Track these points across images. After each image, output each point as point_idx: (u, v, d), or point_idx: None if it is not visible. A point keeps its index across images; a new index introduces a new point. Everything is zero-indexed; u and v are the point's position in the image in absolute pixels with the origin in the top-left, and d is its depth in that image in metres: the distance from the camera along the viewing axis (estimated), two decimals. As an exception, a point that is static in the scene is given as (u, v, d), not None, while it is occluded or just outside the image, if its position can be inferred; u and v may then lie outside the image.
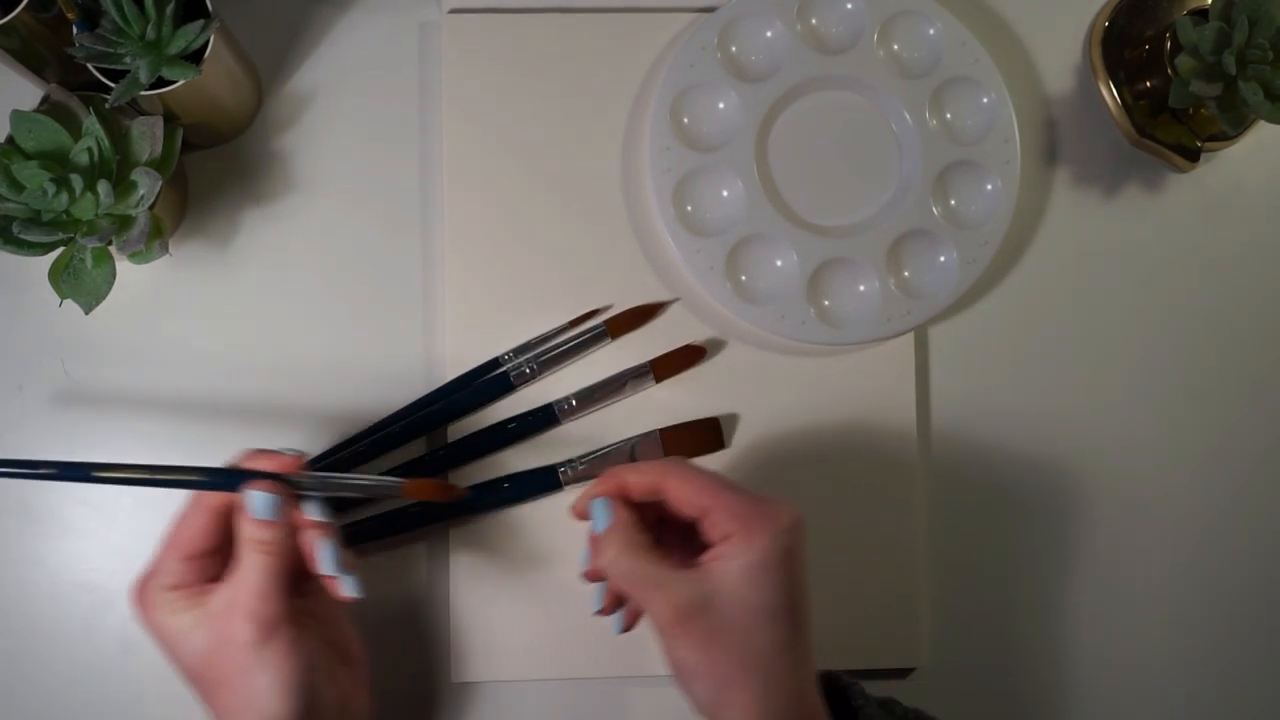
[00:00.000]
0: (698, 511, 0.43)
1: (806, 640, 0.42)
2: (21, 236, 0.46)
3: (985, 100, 0.57)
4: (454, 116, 0.56)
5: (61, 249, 0.48)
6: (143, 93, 0.47)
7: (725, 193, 0.56)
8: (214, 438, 0.54)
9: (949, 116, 0.57)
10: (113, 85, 0.47)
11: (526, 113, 0.56)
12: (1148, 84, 0.59)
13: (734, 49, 0.57)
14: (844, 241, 0.56)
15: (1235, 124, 0.55)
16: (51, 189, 0.47)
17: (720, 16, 0.56)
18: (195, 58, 0.48)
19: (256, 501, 0.42)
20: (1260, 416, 0.60)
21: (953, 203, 0.57)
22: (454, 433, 0.54)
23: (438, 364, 0.55)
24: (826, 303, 0.56)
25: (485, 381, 0.55)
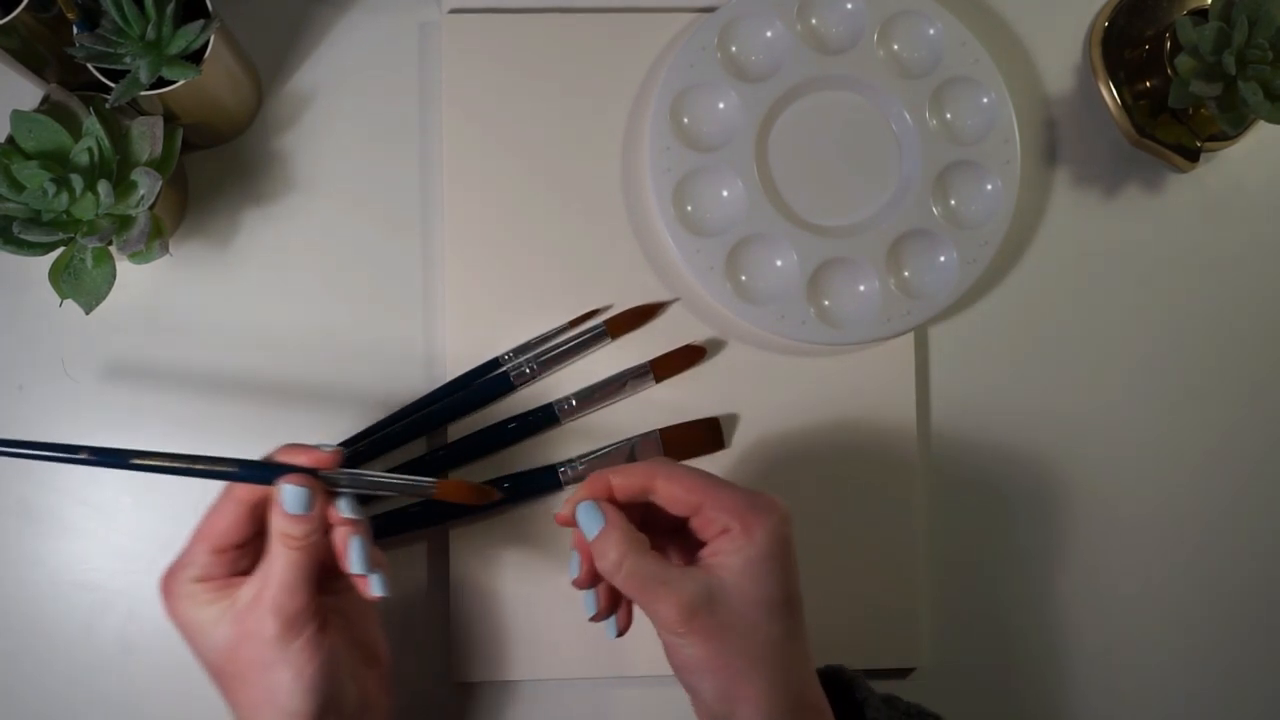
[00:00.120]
0: (689, 510, 0.43)
1: (805, 630, 0.43)
2: (21, 236, 0.46)
3: (985, 100, 0.57)
4: (454, 116, 0.56)
5: (61, 249, 0.48)
6: (143, 93, 0.47)
7: (725, 193, 0.56)
8: (214, 438, 0.54)
9: (949, 116, 0.57)
10: (113, 85, 0.47)
11: (526, 113, 0.56)
12: (1148, 84, 0.59)
13: (734, 49, 0.57)
14: (844, 241, 0.56)
15: (1235, 124, 0.55)
16: (51, 189, 0.47)
17: (720, 16, 0.56)
18: (195, 58, 0.48)
19: (289, 495, 0.41)
20: (1260, 416, 0.60)
21: (953, 203, 0.57)
22: (454, 433, 0.54)
23: (438, 364, 0.55)
24: (826, 303, 0.56)
25: (485, 381, 0.55)
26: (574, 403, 0.54)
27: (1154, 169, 0.60)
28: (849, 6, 0.57)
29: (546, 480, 0.54)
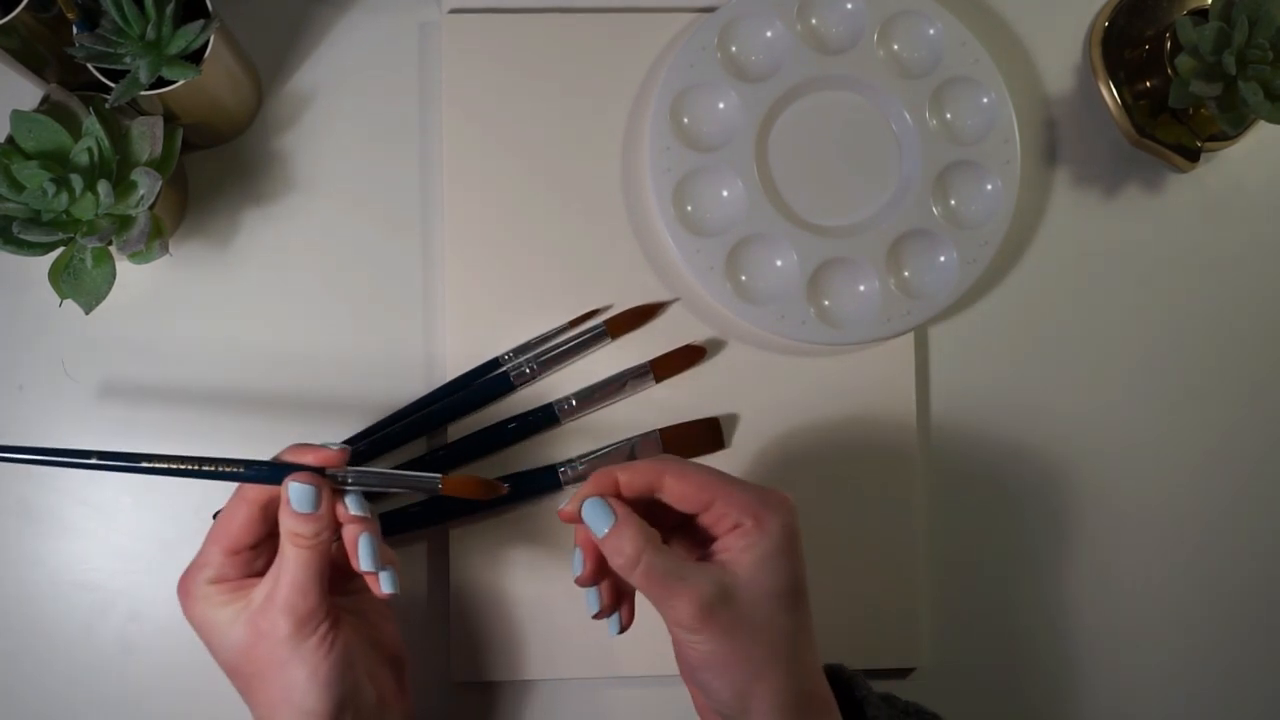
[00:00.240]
0: (699, 506, 0.43)
1: (812, 623, 0.43)
2: (21, 236, 0.46)
3: (985, 100, 0.57)
4: (454, 116, 0.56)
5: (61, 249, 0.48)
6: (143, 93, 0.47)
7: (725, 193, 0.56)
8: (214, 438, 0.54)
9: (949, 116, 0.57)
10: (113, 85, 0.47)
11: (526, 113, 0.56)
12: (1148, 84, 0.59)
13: (734, 49, 0.57)
14: (844, 241, 0.56)
15: (1235, 124, 0.55)
16: (51, 189, 0.47)
17: (720, 16, 0.56)
18: (195, 58, 0.48)
19: (296, 494, 0.41)
20: (1260, 416, 0.60)
21: (953, 203, 0.57)
22: (454, 433, 0.54)
23: (438, 364, 0.55)
24: (826, 303, 0.56)
25: (485, 381, 0.55)
26: (574, 403, 0.54)
27: (1154, 169, 0.60)
28: (849, 6, 0.57)
29: (546, 480, 0.54)
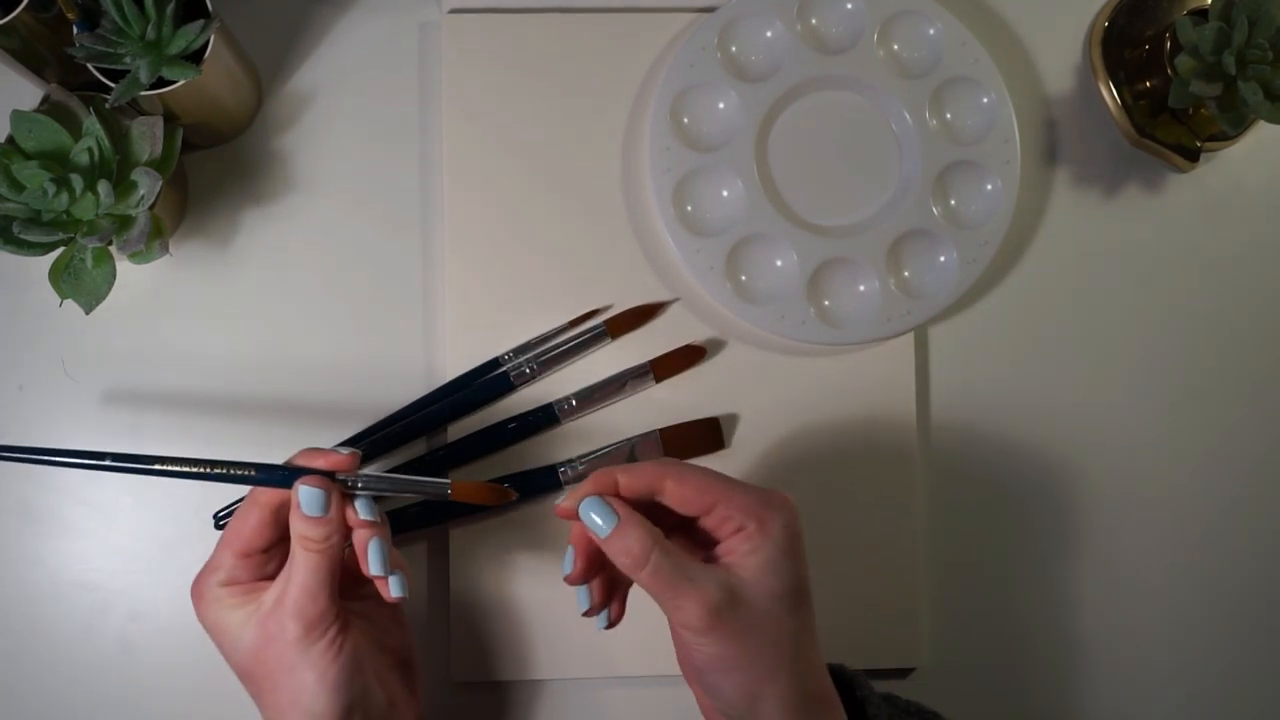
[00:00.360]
0: (701, 510, 0.42)
1: (815, 622, 0.43)
2: (21, 236, 0.46)
3: (985, 100, 0.57)
4: (454, 116, 0.56)
5: (61, 249, 0.48)
6: (143, 93, 0.47)
7: (725, 193, 0.56)
8: (214, 437, 0.54)
9: (949, 116, 0.57)
10: (113, 85, 0.47)
11: (526, 113, 0.56)
12: (1148, 84, 0.59)
13: (734, 49, 0.57)
14: (844, 241, 0.56)
15: (1235, 124, 0.55)
16: (51, 189, 0.47)
17: (720, 16, 0.56)
18: (195, 58, 0.48)
19: (305, 497, 0.42)
20: (1260, 416, 0.60)
21: (953, 203, 0.57)
22: (454, 433, 0.54)
23: (438, 364, 0.55)
24: (826, 303, 0.56)
25: (485, 381, 0.55)
26: (574, 403, 0.54)
27: (1154, 169, 0.60)
28: (849, 6, 0.57)
29: (546, 480, 0.54)
